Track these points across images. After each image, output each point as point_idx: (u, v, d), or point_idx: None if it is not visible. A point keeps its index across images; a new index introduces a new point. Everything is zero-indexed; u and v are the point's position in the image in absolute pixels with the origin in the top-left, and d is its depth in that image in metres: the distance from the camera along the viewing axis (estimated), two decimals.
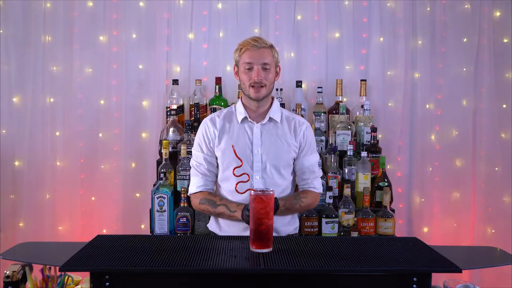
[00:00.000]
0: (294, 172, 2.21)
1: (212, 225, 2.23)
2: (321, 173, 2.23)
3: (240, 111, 2.15)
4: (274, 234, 1.71)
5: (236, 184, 1.85)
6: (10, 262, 1.67)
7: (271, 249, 1.52)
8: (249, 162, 2.09)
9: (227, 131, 2.13)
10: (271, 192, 1.52)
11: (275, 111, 2.15)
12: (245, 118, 2.13)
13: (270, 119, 2.14)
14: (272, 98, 2.19)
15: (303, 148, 2.16)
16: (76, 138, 3.20)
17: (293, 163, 2.17)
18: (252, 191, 1.52)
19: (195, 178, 2.16)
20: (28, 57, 3.14)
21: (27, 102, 3.15)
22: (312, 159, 2.19)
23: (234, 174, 1.86)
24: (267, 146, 2.11)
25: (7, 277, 1.66)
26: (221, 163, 2.13)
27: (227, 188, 2.12)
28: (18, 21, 3.13)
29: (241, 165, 1.86)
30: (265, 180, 2.09)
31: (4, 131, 3.14)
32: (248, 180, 1.89)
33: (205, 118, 2.21)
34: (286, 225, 2.18)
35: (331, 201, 2.69)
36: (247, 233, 1.85)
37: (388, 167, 3.15)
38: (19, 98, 3.15)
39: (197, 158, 2.16)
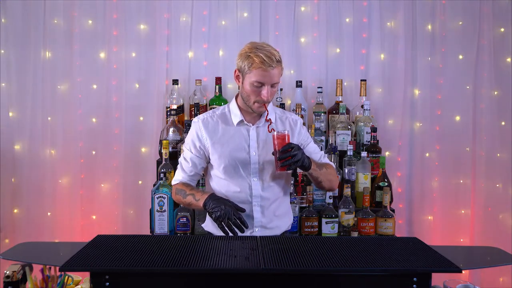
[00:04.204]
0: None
1: (208, 226, 2.20)
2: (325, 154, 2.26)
3: (235, 113, 2.11)
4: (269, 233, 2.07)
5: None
6: (10, 262, 1.66)
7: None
8: (246, 165, 2.07)
9: (221, 134, 2.10)
10: (285, 132, 1.98)
11: (269, 112, 2.10)
12: (241, 121, 2.10)
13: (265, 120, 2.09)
14: None
15: (301, 143, 2.15)
16: (77, 137, 3.20)
17: None
18: (274, 131, 1.98)
19: (178, 172, 2.17)
20: (28, 76, 3.13)
21: (26, 118, 3.15)
22: (313, 145, 2.21)
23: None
24: (264, 147, 2.08)
25: (7, 277, 1.66)
26: (217, 165, 2.10)
27: (220, 187, 2.11)
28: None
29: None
30: (262, 182, 2.08)
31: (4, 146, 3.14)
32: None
33: (197, 117, 2.16)
34: (280, 218, 2.16)
35: (331, 201, 2.69)
36: (241, 233, 1.92)
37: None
38: (17, 114, 3.15)
39: (185, 155, 2.16)
